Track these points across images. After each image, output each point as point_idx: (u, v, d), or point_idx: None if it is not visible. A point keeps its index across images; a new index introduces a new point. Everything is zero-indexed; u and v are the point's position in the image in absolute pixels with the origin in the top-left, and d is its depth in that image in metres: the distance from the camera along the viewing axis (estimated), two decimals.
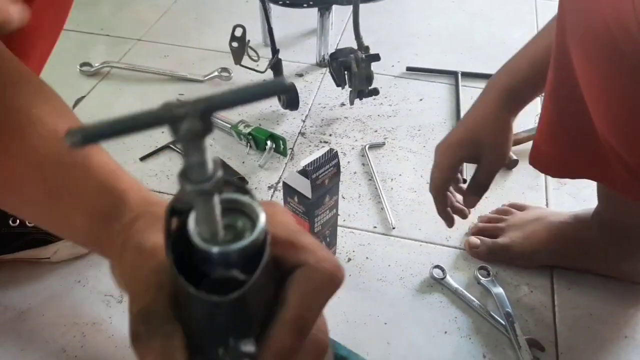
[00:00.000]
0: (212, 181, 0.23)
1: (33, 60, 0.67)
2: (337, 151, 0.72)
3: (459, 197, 0.82)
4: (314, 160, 0.70)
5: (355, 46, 1.04)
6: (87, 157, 0.39)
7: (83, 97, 1.15)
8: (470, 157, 0.74)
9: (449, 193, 0.79)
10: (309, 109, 1.14)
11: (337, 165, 0.73)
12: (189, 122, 0.21)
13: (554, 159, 0.68)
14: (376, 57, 1.01)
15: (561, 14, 0.57)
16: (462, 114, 1.12)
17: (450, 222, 0.81)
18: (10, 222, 0.78)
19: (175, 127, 0.21)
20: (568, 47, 0.56)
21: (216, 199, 0.24)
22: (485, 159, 0.73)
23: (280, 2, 1.15)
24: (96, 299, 0.79)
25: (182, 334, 0.26)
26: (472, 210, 0.93)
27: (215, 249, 0.25)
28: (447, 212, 0.79)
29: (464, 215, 0.82)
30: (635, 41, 0.48)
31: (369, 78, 1.02)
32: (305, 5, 1.14)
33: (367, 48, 1.03)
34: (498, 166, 0.74)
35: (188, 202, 0.25)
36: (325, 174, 0.72)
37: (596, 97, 0.58)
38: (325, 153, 0.71)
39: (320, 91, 1.19)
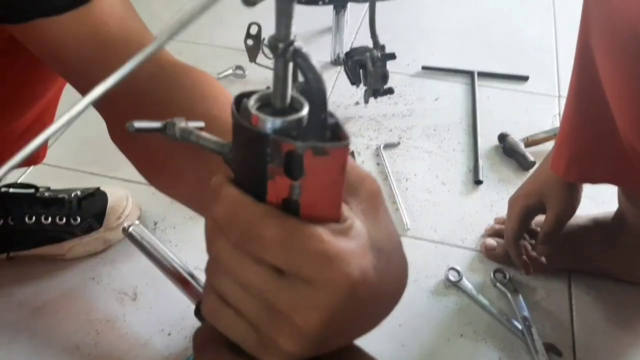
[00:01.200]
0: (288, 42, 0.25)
1: None
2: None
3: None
4: None
5: (370, 44, 1.03)
6: None
7: None
8: (536, 208, 0.76)
9: (525, 242, 0.80)
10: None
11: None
12: None
13: (575, 162, 0.67)
14: (392, 56, 1.00)
15: (585, 16, 0.56)
16: (478, 114, 1.11)
17: (526, 269, 0.79)
18: (27, 219, 0.78)
19: None
20: (592, 49, 0.55)
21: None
22: (551, 209, 0.74)
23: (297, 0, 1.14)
24: (110, 297, 0.79)
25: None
26: (489, 211, 0.92)
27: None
28: (521, 259, 0.79)
29: (538, 265, 0.80)
30: None
31: (384, 77, 1.01)
32: (321, 2, 1.13)
33: (382, 47, 1.02)
34: (563, 216, 0.74)
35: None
36: None
37: (619, 98, 0.57)
38: None
39: (335, 90, 1.18)
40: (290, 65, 0.26)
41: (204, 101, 0.44)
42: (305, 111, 0.26)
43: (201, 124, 0.29)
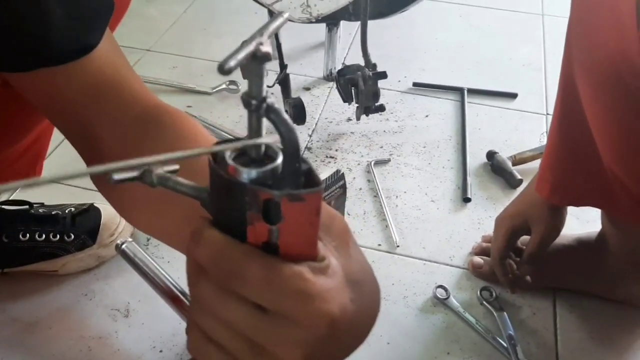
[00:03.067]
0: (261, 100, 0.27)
1: None
2: (343, 173, 0.73)
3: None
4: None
5: (362, 62, 1.05)
6: None
7: None
8: (521, 229, 0.78)
9: (510, 261, 0.81)
10: (316, 123, 1.15)
11: (344, 187, 0.74)
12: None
13: (559, 186, 0.68)
14: (383, 75, 1.02)
15: (568, 45, 0.58)
16: (467, 131, 1.13)
17: (512, 288, 0.81)
18: (20, 236, 0.79)
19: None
20: (575, 79, 0.57)
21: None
22: (536, 231, 0.76)
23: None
24: (103, 313, 0.80)
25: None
26: (476, 229, 0.94)
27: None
28: (507, 279, 0.81)
29: (523, 284, 0.82)
30: (639, 76, 0.48)
31: (376, 95, 1.03)
32: (314, 20, 1.15)
33: (374, 65, 1.04)
34: (547, 238, 0.76)
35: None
36: (331, 195, 0.73)
37: (601, 127, 0.59)
38: (332, 174, 0.72)
39: (327, 105, 1.20)
40: (264, 119, 0.28)
41: (185, 141, 0.46)
42: (279, 160, 0.28)
43: (176, 166, 0.30)
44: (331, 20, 1.16)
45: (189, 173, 0.32)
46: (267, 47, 0.26)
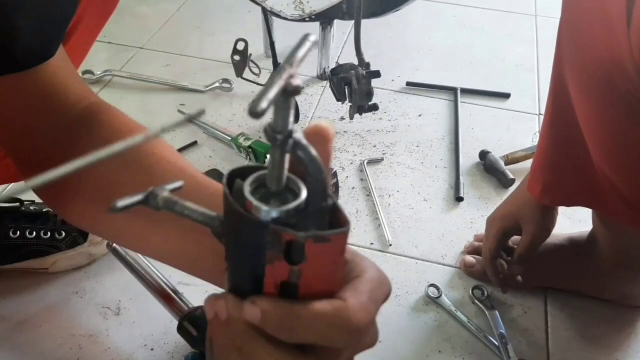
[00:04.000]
0: (288, 134, 0.25)
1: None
2: (336, 171, 0.73)
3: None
4: None
5: (355, 61, 1.05)
6: (210, 186, 0.44)
7: None
8: (512, 229, 0.78)
9: (501, 261, 0.82)
10: (309, 122, 1.15)
11: (336, 185, 0.74)
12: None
13: (550, 186, 0.69)
14: (376, 74, 1.02)
15: (559, 46, 0.58)
16: (460, 131, 1.13)
17: (503, 288, 0.82)
18: (11, 233, 0.78)
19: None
20: (565, 80, 0.57)
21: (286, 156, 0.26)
22: (526, 232, 0.76)
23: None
24: (93, 311, 0.79)
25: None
26: (469, 228, 0.94)
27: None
28: (498, 278, 0.81)
29: (514, 283, 0.82)
30: (629, 79, 0.49)
31: (369, 94, 1.03)
32: (307, 19, 1.14)
33: (367, 64, 1.03)
34: (538, 239, 0.76)
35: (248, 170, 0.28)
36: None
37: (591, 128, 0.59)
38: None
39: (321, 104, 1.19)
40: (287, 154, 0.26)
41: (120, 134, 0.48)
42: (302, 196, 0.27)
43: (179, 183, 0.30)
44: (325, 19, 1.16)
45: (195, 199, 0.32)
46: (298, 80, 0.24)
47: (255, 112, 0.22)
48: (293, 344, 0.29)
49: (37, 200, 0.86)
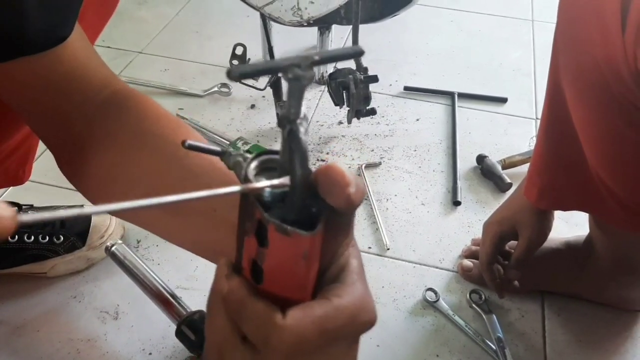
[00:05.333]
0: (302, 118, 0.26)
1: None
2: None
3: None
4: None
5: (353, 66, 1.05)
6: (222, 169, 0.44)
7: None
8: (509, 234, 0.79)
9: (498, 266, 0.82)
10: (307, 127, 1.15)
11: None
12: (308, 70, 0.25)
13: (547, 190, 0.69)
14: (374, 79, 1.03)
15: (555, 51, 0.59)
16: (457, 135, 1.13)
17: (500, 293, 0.82)
18: (9, 237, 0.78)
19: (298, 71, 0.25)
20: (562, 86, 0.58)
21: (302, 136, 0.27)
22: (523, 237, 0.76)
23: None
24: (91, 315, 0.79)
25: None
26: (466, 232, 0.95)
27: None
28: (495, 283, 0.81)
29: (511, 287, 0.82)
30: (624, 83, 0.49)
31: (367, 98, 1.03)
32: (306, 24, 1.15)
33: (365, 69, 1.04)
34: (535, 243, 0.76)
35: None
36: None
37: (587, 133, 0.59)
38: None
39: (319, 109, 1.20)
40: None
41: (149, 121, 0.49)
42: (276, 181, 0.27)
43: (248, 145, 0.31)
44: (323, 24, 1.17)
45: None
46: (307, 72, 0.25)
47: (230, 74, 0.24)
48: None
49: (36, 204, 0.86)
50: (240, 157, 0.30)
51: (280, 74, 0.26)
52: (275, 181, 0.27)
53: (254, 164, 0.28)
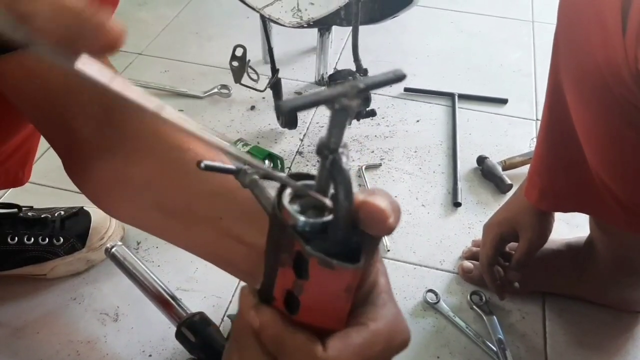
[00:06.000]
0: (342, 146, 0.25)
1: None
2: None
3: None
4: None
5: (353, 67, 1.05)
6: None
7: None
8: (509, 235, 0.78)
9: (498, 267, 0.82)
10: (307, 128, 1.15)
11: None
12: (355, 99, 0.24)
13: (547, 191, 0.69)
14: None
15: (555, 53, 0.59)
16: (458, 136, 1.13)
17: (500, 294, 0.82)
18: (9, 239, 0.78)
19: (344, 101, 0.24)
20: (562, 86, 0.58)
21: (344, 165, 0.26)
22: (523, 238, 0.76)
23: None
24: (91, 317, 0.79)
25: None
26: (467, 233, 0.95)
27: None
28: (495, 285, 0.81)
29: (512, 289, 0.82)
30: (625, 85, 0.49)
31: (367, 100, 1.03)
32: (306, 25, 1.15)
33: (365, 70, 1.04)
34: (535, 244, 0.76)
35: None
36: None
37: (588, 134, 0.59)
38: None
39: (319, 110, 1.20)
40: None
41: (152, 126, 0.48)
42: (325, 218, 0.27)
43: (265, 166, 0.30)
44: (323, 25, 1.17)
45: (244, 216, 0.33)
46: (354, 102, 0.24)
47: (280, 108, 0.24)
48: None
49: (35, 206, 0.86)
50: (255, 175, 0.30)
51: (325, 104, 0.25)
52: (326, 218, 0.27)
53: (287, 192, 0.27)
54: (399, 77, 0.26)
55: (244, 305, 0.31)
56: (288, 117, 1.08)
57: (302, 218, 0.26)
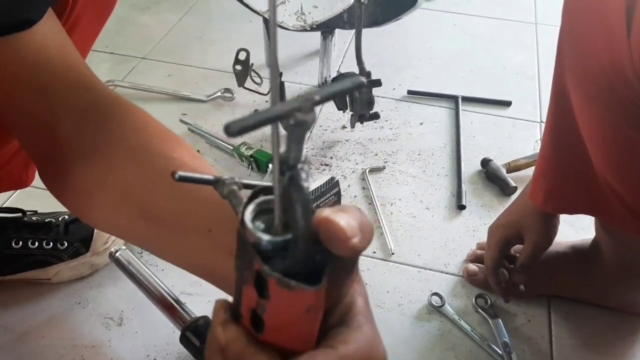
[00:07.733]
0: (302, 164, 0.25)
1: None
2: (338, 180, 0.73)
3: None
4: (315, 188, 0.71)
5: (357, 70, 1.05)
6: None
7: None
8: (514, 238, 0.78)
9: (503, 270, 0.81)
10: (311, 131, 1.15)
11: (338, 194, 0.74)
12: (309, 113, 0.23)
13: (552, 193, 0.69)
14: (377, 83, 1.02)
15: (559, 54, 0.59)
16: (462, 139, 1.13)
17: (505, 297, 0.81)
18: (13, 243, 0.78)
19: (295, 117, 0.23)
20: (567, 88, 0.57)
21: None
22: (528, 241, 0.75)
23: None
24: (96, 322, 0.79)
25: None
26: (471, 236, 0.94)
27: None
28: (500, 288, 0.81)
29: (517, 292, 0.82)
30: (630, 86, 0.49)
31: (370, 103, 1.03)
32: (309, 29, 1.15)
33: (368, 73, 1.04)
34: (540, 247, 0.75)
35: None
36: (325, 203, 0.73)
37: (593, 136, 0.59)
38: (327, 182, 0.72)
39: (322, 113, 1.20)
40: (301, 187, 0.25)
41: (135, 131, 0.47)
42: (285, 237, 0.26)
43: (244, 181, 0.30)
44: (326, 29, 1.17)
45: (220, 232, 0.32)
46: (308, 115, 0.23)
47: (228, 130, 0.22)
48: None
49: (40, 210, 0.86)
50: (234, 186, 0.29)
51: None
52: (278, 238, 0.26)
53: (250, 209, 0.26)
54: (356, 86, 0.25)
55: (214, 319, 0.30)
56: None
57: (263, 236, 0.26)
